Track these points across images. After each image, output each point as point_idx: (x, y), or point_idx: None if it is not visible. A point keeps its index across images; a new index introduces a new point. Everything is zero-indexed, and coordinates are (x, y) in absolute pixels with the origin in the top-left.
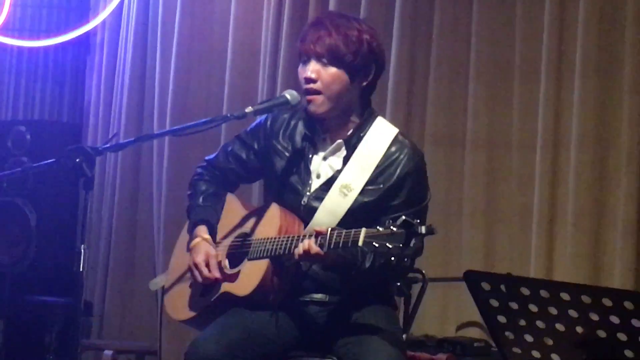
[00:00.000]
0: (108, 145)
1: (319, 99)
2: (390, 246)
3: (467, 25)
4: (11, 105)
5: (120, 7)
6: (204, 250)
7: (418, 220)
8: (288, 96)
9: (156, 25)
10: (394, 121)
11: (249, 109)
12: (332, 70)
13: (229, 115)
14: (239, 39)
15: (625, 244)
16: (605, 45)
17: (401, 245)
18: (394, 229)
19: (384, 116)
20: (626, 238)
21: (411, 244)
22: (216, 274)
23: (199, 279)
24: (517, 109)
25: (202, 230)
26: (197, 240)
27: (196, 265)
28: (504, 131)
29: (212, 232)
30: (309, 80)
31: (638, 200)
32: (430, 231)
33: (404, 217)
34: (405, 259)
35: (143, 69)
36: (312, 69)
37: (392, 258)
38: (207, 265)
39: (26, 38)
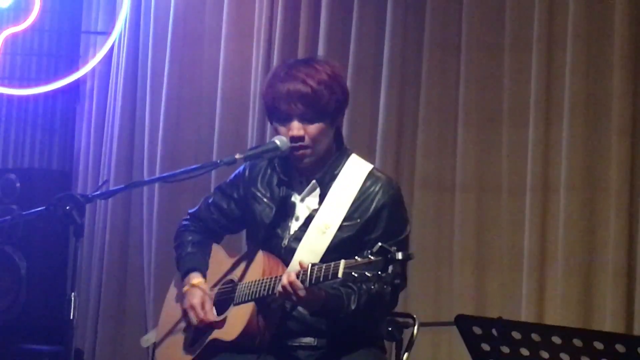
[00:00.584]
0: (98, 192)
1: (308, 152)
2: (369, 274)
3: (456, 71)
4: (1, 153)
5: (109, 54)
6: (200, 293)
7: (395, 247)
8: (278, 142)
9: (146, 72)
10: (383, 166)
11: (238, 155)
12: (316, 124)
13: (218, 161)
14: (228, 85)
15: (615, 286)
16: (592, 89)
17: (379, 272)
18: (372, 257)
19: (373, 162)
20: (616, 281)
21: (389, 270)
22: (210, 316)
23: (195, 321)
24: (506, 153)
25: (196, 276)
26: (191, 283)
27: (192, 307)
28: (493, 175)
29: (204, 278)
30: (297, 139)
31: (628, 243)
32: (408, 257)
33: (380, 244)
34: (385, 286)
35: (133, 116)
36: (297, 127)
37: (373, 286)
38: (203, 307)
39: (16, 86)
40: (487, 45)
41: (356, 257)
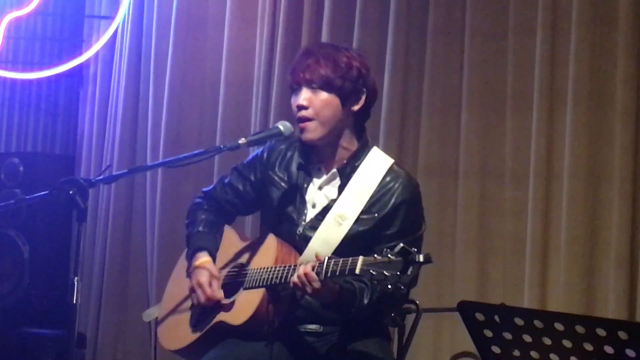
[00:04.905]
0: (101, 177)
1: (311, 125)
2: (388, 274)
3: (459, 56)
4: (4, 137)
5: (113, 39)
6: (207, 271)
7: (415, 249)
8: (281, 127)
9: (149, 57)
10: (386, 152)
11: (242, 140)
12: (323, 95)
13: (222, 146)
14: (232, 71)
15: (618, 273)
16: (596, 75)
17: (398, 273)
18: (392, 257)
19: (377, 147)
20: (619, 267)
21: (408, 272)
22: (218, 294)
23: (202, 298)
24: (509, 139)
25: (204, 255)
26: (199, 261)
27: (200, 285)
28: (497, 161)
29: (213, 259)
30: (300, 108)
31: (631, 230)
32: (428, 260)
33: (401, 245)
34: (402, 287)
35: (136, 100)
36: (303, 96)
37: (389, 286)
38: (210, 286)
39: (19, 70)
40: (491, 31)
41: (375, 255)
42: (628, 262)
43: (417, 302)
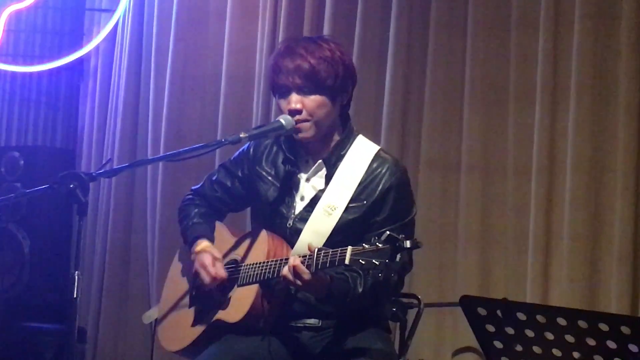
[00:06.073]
0: (102, 170)
1: (307, 125)
2: (377, 262)
3: (462, 51)
4: (4, 131)
5: (114, 32)
6: (209, 254)
7: (403, 235)
8: (282, 121)
9: (150, 51)
10: (389, 146)
11: (243, 134)
12: (314, 97)
13: (223, 140)
14: (233, 65)
15: (620, 268)
16: (599, 69)
17: (387, 260)
18: (379, 245)
19: (378, 142)
20: (622, 262)
21: (397, 259)
22: (222, 273)
23: (207, 279)
24: (512, 134)
25: (203, 241)
26: (200, 247)
27: (204, 267)
28: (499, 156)
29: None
30: (294, 112)
31: (633, 224)
32: (416, 245)
33: (388, 233)
34: (392, 274)
35: (137, 94)
36: (294, 100)
37: (380, 274)
38: (214, 265)
39: (20, 63)
40: (494, 25)
41: (364, 245)
42: (631, 256)
43: (419, 296)
